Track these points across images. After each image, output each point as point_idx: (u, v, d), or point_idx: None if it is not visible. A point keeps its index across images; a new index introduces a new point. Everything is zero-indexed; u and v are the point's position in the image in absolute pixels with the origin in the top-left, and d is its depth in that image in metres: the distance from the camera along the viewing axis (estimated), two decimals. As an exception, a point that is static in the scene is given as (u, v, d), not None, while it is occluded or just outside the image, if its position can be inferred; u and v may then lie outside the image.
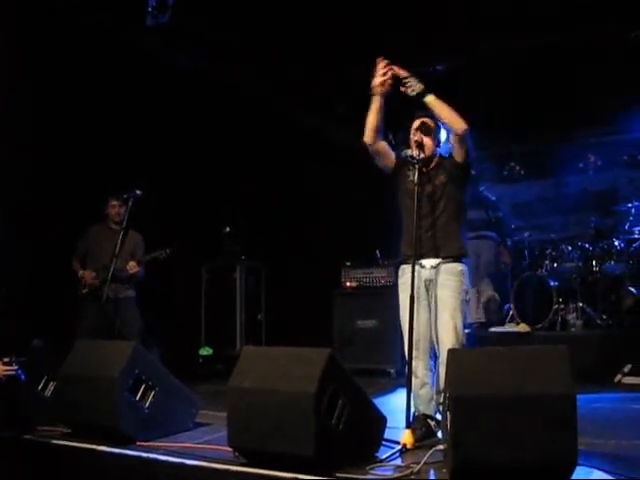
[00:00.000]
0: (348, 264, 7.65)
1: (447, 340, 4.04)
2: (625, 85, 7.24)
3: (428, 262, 4.21)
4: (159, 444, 4.06)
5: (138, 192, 5.53)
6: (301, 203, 8.20)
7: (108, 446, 4.01)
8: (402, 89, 4.21)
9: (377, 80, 4.27)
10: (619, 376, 6.24)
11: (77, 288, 6.16)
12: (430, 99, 4.15)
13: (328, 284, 7.61)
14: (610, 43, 7.10)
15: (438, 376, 4.06)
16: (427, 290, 4.23)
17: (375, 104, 4.30)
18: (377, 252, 7.64)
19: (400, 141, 8.85)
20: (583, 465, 3.22)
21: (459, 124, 4.13)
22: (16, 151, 5.91)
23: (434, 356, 4.20)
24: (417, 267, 4.15)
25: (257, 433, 3.54)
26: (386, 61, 4.27)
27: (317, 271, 7.77)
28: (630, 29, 7.04)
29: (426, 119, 4.36)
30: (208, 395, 5.82)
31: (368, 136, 4.35)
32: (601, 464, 3.40)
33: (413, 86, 4.16)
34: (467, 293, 4.24)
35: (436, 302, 4.18)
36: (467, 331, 4.52)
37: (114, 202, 6.25)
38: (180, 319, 7.48)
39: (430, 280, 4.21)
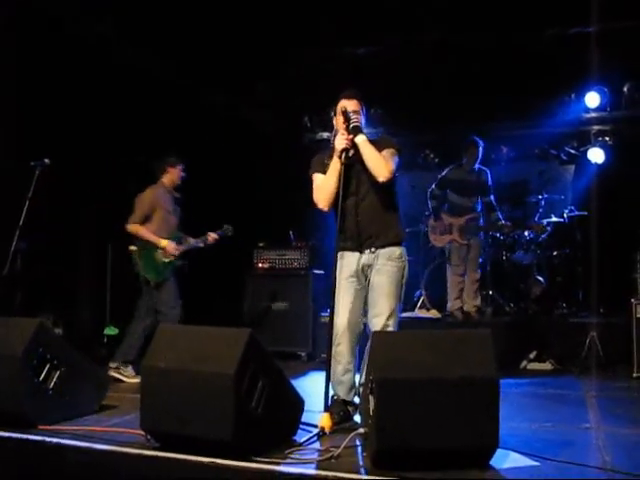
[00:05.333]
0: (261, 245, 7.53)
1: (380, 325, 4.03)
2: (538, 80, 7.42)
3: (366, 250, 4.18)
4: (64, 427, 3.85)
5: (46, 161, 5.22)
6: (214, 183, 8.02)
7: (7, 431, 3.70)
8: (346, 128, 4.08)
9: (342, 144, 4.07)
10: (525, 362, 6.43)
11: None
12: (362, 139, 4.08)
13: (240, 265, 7.47)
14: (525, 38, 7.26)
15: (364, 361, 4.00)
16: (365, 275, 4.19)
17: (337, 168, 4.08)
18: (290, 233, 7.55)
19: (316, 124, 8.88)
20: (501, 448, 3.26)
21: (384, 172, 4.07)
22: None
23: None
24: (356, 252, 4.15)
25: (172, 416, 3.40)
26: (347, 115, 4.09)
27: (229, 252, 7.61)
28: (543, 26, 7.22)
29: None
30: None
31: (325, 203, 4.17)
32: (517, 446, 3.47)
33: (356, 121, 4.07)
34: (403, 277, 4.22)
35: (372, 285, 4.15)
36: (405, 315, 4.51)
37: (180, 166, 6.15)
38: (84, 297, 7.17)
39: (368, 265, 4.18)
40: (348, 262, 4.18)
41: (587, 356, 6.17)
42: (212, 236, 6.28)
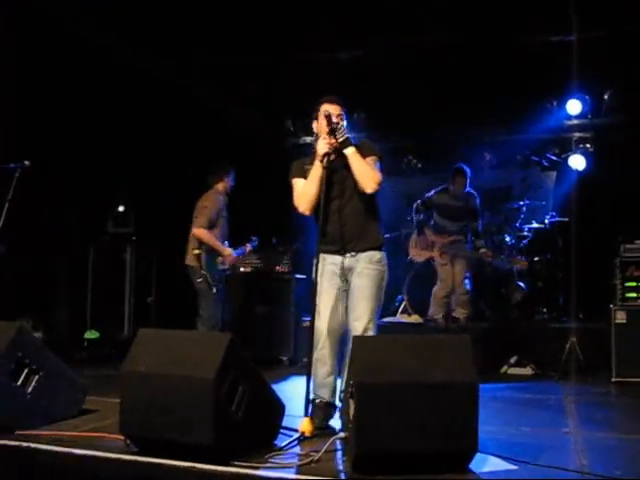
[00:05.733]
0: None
1: (361, 329, 4.02)
2: (520, 87, 7.48)
3: (347, 254, 4.18)
4: (42, 432, 3.80)
5: (26, 163, 5.18)
6: (194, 186, 8.00)
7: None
8: (328, 133, 4.04)
9: (324, 148, 4.04)
10: (505, 367, 6.47)
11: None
12: (351, 151, 4.07)
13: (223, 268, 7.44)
14: (508, 46, 7.31)
15: (345, 364, 4.00)
16: (346, 278, 4.20)
17: (319, 172, 4.06)
18: (273, 238, 7.55)
19: (299, 129, 8.88)
20: (480, 452, 3.27)
21: (372, 184, 4.09)
22: None
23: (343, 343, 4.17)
24: (338, 255, 4.17)
25: (152, 420, 3.38)
26: (329, 118, 4.05)
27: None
28: (526, 34, 7.28)
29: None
30: (93, 380, 5.54)
31: (307, 207, 4.16)
32: (496, 450, 3.49)
33: (342, 134, 4.05)
34: (383, 280, 4.23)
35: (353, 289, 4.15)
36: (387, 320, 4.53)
37: (232, 174, 6.41)
38: (65, 301, 7.12)
39: (349, 268, 4.19)
40: (330, 265, 4.19)
41: (567, 361, 6.20)
42: (248, 248, 6.54)
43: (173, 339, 3.68)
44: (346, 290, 4.19)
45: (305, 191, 4.17)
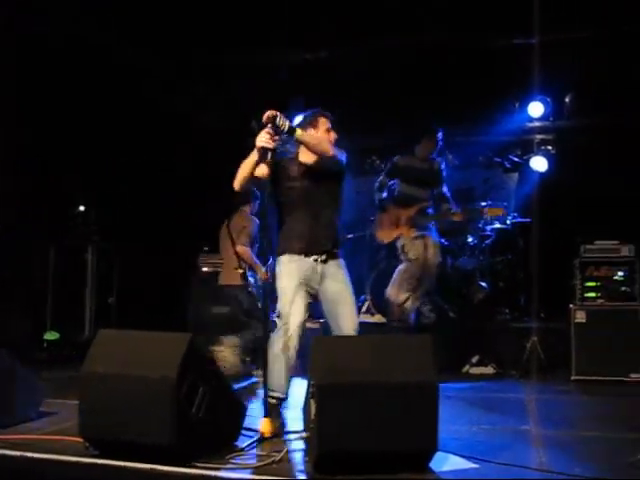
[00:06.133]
0: (206, 249, 7.45)
1: (351, 330, 4.17)
2: (483, 89, 7.55)
3: (318, 257, 4.27)
4: (-1, 436, 3.74)
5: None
6: (159, 185, 7.94)
7: None
8: (271, 127, 4.07)
9: (263, 141, 4.09)
10: (467, 366, 6.52)
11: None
12: (299, 133, 4.17)
13: (184, 269, 7.40)
14: (471, 48, 7.38)
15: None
16: (315, 282, 4.26)
17: (254, 158, 4.21)
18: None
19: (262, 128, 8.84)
20: (441, 451, 3.30)
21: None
22: None
23: None
24: (308, 258, 4.24)
25: (112, 422, 3.34)
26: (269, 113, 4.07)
27: (173, 255, 7.54)
28: (489, 36, 7.35)
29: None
30: (53, 382, 5.46)
31: (238, 185, 4.38)
32: (457, 449, 3.52)
33: (284, 124, 4.08)
34: None
35: (333, 295, 4.26)
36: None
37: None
38: (24, 301, 7.00)
39: (320, 272, 4.27)
40: (299, 266, 4.23)
41: (528, 360, 6.27)
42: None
43: (133, 340, 3.65)
44: (312, 293, 4.26)
45: (241, 171, 4.32)
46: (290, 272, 4.22)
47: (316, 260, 4.25)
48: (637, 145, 7.13)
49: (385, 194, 6.89)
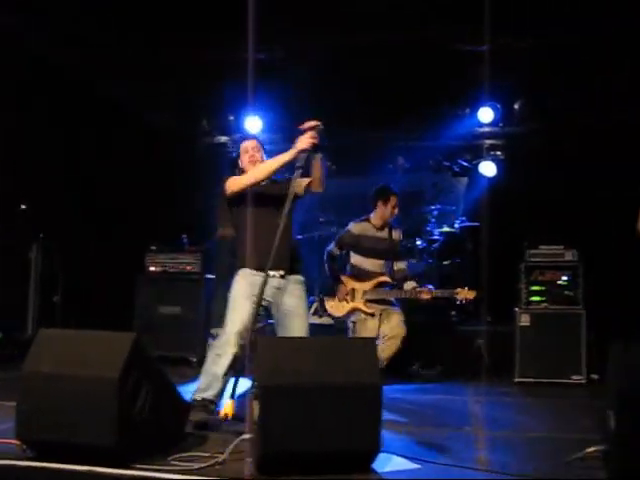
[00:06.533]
0: (153, 248, 7.36)
1: None
2: (434, 94, 7.63)
3: (277, 272, 4.29)
4: None
5: None
6: (106, 184, 7.81)
7: None
8: (311, 135, 4.20)
9: (307, 143, 4.17)
10: (413, 368, 6.56)
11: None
12: (320, 155, 4.30)
13: (131, 268, 7.30)
14: (423, 53, 7.43)
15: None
16: (269, 298, 4.29)
17: (288, 158, 4.19)
18: (184, 237, 7.42)
19: (215, 128, 8.78)
20: (384, 452, 3.33)
21: (321, 187, 4.39)
22: None
23: None
24: (262, 272, 4.17)
25: (52, 423, 3.26)
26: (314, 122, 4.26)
27: (120, 254, 7.43)
28: (441, 41, 7.42)
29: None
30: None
31: (242, 189, 4.31)
32: (400, 450, 3.55)
33: (317, 139, 4.21)
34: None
35: (287, 310, 4.31)
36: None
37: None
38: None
39: (277, 288, 4.31)
40: (254, 280, 4.24)
41: (474, 362, 6.36)
42: None
43: (75, 339, 3.58)
44: (265, 305, 4.30)
45: (269, 171, 4.27)
46: (242, 284, 4.30)
47: (273, 275, 4.26)
48: (583, 151, 7.28)
49: (335, 264, 6.38)
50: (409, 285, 6.10)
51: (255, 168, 4.37)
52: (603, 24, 6.50)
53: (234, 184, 4.35)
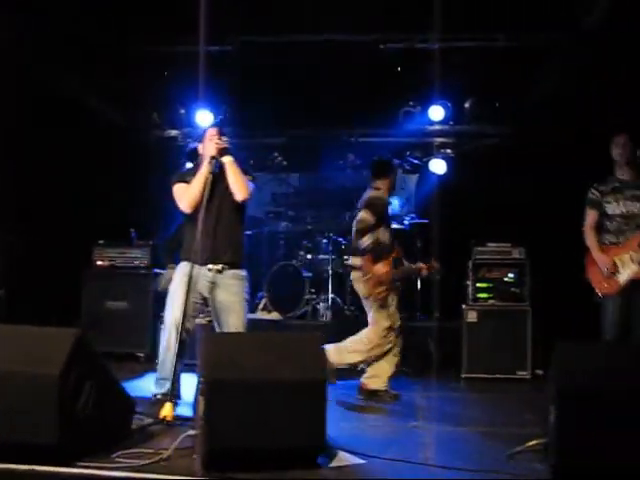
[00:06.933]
0: (101, 242, 7.24)
1: None
2: (385, 92, 7.67)
3: (213, 266, 4.37)
4: None
5: None
6: (54, 177, 7.66)
7: None
8: (214, 141, 4.35)
9: (212, 149, 4.33)
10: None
11: None
12: (230, 159, 4.36)
13: (78, 262, 7.17)
14: (374, 50, 7.46)
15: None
16: (206, 291, 4.37)
17: (208, 170, 4.31)
18: (132, 231, 7.31)
19: (165, 121, 8.68)
20: (329, 447, 3.36)
21: (243, 193, 4.39)
22: None
23: None
24: (202, 267, 4.32)
25: (-9, 421, 3.19)
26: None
27: (67, 248, 7.29)
28: (392, 39, 7.46)
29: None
30: None
31: (189, 205, 4.40)
32: (346, 445, 3.57)
33: (222, 144, 4.33)
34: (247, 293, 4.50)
35: (221, 305, 4.36)
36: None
37: None
38: None
39: (212, 282, 4.37)
40: (186, 273, 4.26)
41: (421, 358, 6.42)
42: None
43: (17, 335, 3.50)
44: (203, 301, 4.40)
45: (193, 190, 4.35)
46: (181, 277, 4.34)
47: (210, 270, 4.35)
48: (531, 152, 7.38)
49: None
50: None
51: (186, 192, 4.42)
52: (550, 24, 6.61)
53: (180, 203, 4.47)
